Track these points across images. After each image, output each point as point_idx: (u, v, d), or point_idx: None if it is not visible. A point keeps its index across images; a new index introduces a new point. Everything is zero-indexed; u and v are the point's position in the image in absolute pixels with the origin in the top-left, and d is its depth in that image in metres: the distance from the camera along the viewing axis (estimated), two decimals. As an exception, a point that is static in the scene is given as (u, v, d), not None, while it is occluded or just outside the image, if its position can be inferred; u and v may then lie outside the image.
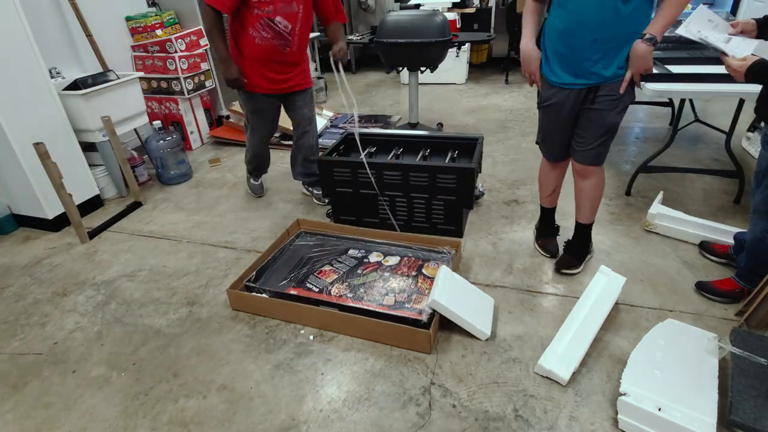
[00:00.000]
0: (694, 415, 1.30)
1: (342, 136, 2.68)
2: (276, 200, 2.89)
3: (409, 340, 1.70)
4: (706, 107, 3.89)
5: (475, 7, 5.42)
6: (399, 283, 1.95)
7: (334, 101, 4.91)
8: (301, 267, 2.08)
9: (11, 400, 1.62)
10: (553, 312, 1.86)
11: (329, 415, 1.49)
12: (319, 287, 1.94)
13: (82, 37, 3.00)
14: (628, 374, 1.45)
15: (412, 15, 3.15)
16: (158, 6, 3.71)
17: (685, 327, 1.66)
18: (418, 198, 2.30)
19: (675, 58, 2.66)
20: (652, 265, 2.10)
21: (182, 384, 1.64)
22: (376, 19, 5.56)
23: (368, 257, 2.13)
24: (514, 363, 1.64)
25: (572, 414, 1.45)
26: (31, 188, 2.51)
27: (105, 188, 2.99)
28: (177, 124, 3.65)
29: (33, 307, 2.08)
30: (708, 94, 2.29)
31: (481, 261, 2.19)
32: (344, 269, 2.05)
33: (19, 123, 2.39)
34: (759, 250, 1.75)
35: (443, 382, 1.58)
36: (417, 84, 3.53)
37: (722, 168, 2.75)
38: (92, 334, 1.90)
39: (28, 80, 2.42)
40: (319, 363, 1.69)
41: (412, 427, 1.44)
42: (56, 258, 2.43)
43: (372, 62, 6.33)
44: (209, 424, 1.49)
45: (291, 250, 2.22)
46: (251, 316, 1.94)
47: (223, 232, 2.59)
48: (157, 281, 2.20)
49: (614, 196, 2.68)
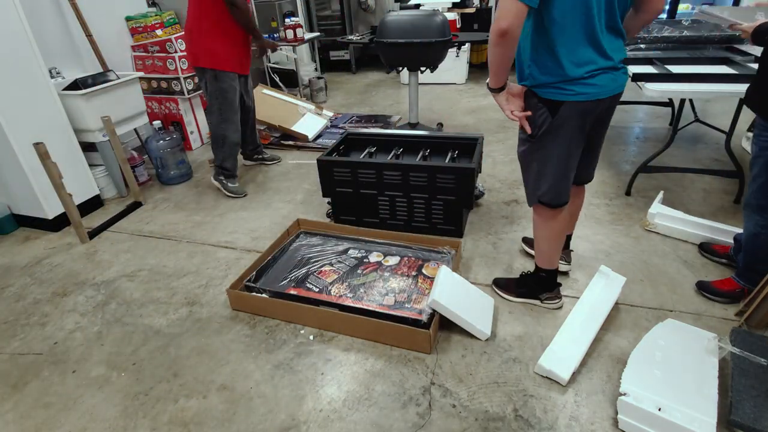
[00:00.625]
0: (694, 415, 1.30)
1: (342, 136, 2.68)
2: (276, 200, 2.89)
3: (409, 340, 1.70)
4: (706, 107, 3.89)
5: (475, 7, 5.43)
6: (399, 283, 1.95)
7: (333, 101, 4.91)
8: (301, 267, 2.08)
9: (11, 400, 1.62)
10: (553, 312, 1.86)
11: (329, 415, 1.49)
12: (319, 287, 1.94)
13: (82, 37, 3.00)
14: (628, 374, 1.45)
15: (412, 15, 3.15)
16: (158, 6, 3.71)
17: (685, 327, 1.66)
18: (418, 198, 2.30)
19: (675, 58, 2.66)
20: (652, 265, 2.10)
21: (182, 384, 1.64)
22: (376, 19, 5.55)
23: (368, 257, 2.13)
24: (514, 363, 1.64)
25: (572, 414, 1.45)
26: (31, 188, 2.51)
27: (105, 188, 2.99)
28: (177, 124, 3.65)
29: (33, 307, 2.08)
30: (708, 94, 2.29)
31: (481, 261, 2.19)
32: (344, 269, 2.05)
33: (19, 123, 2.39)
34: (754, 246, 1.75)
35: (443, 382, 1.58)
36: (417, 84, 3.53)
37: (722, 168, 2.74)
38: (92, 334, 1.90)
39: (28, 80, 2.43)
40: (319, 363, 1.69)
41: (412, 427, 1.44)
42: (56, 258, 2.43)
43: (372, 62, 6.33)
44: (209, 424, 1.49)
45: (291, 250, 2.22)
46: (251, 316, 1.94)
47: (223, 232, 2.59)
48: (157, 281, 2.20)
49: (614, 196, 2.68)
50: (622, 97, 1.64)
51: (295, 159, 3.48)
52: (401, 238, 2.25)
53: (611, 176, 2.90)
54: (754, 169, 1.70)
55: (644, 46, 2.94)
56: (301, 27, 4.63)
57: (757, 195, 1.69)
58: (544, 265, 1.80)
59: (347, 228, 2.35)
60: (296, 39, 4.55)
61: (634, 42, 2.94)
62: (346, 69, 6.17)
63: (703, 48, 2.83)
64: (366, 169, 2.30)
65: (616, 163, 3.09)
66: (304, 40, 4.64)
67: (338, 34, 5.79)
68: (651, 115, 3.96)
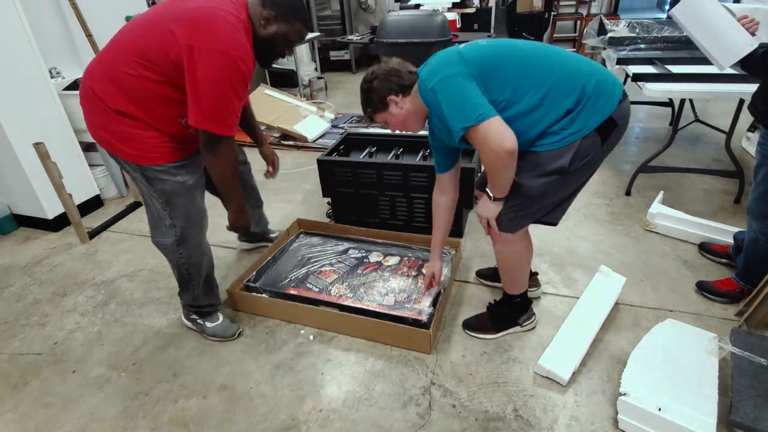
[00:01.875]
0: (694, 415, 1.30)
1: (342, 137, 2.68)
2: (276, 200, 2.89)
3: (409, 340, 1.70)
4: (706, 107, 3.89)
5: (475, 7, 5.43)
6: (399, 283, 1.94)
7: (333, 101, 4.91)
8: (301, 267, 2.08)
9: (11, 400, 1.62)
10: (553, 312, 1.86)
11: (329, 415, 1.49)
12: (319, 287, 1.94)
13: (82, 37, 2.99)
14: (628, 374, 1.45)
15: (412, 15, 3.16)
16: (158, 6, 3.70)
17: (685, 327, 1.66)
18: (418, 198, 2.30)
19: (675, 58, 2.66)
20: (652, 265, 2.10)
21: (182, 384, 1.64)
22: (376, 19, 5.56)
23: (368, 257, 2.13)
24: (514, 363, 1.64)
25: (572, 414, 1.45)
26: (31, 188, 2.51)
27: (105, 188, 2.99)
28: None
29: (33, 307, 2.08)
30: (708, 94, 2.29)
31: (481, 261, 2.19)
32: (344, 269, 2.05)
33: (19, 123, 2.39)
34: (754, 250, 1.76)
35: (443, 382, 1.58)
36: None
37: (722, 168, 2.75)
38: (92, 334, 1.90)
39: (28, 80, 2.42)
40: (319, 363, 1.69)
41: (412, 427, 1.44)
42: (56, 258, 2.43)
43: (372, 62, 6.31)
44: (209, 424, 1.49)
45: (291, 250, 2.22)
46: (251, 316, 1.94)
47: (223, 232, 2.57)
48: (157, 281, 2.20)
49: (614, 196, 2.68)
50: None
51: (295, 160, 3.48)
52: (401, 238, 2.25)
53: (611, 176, 2.90)
54: (757, 176, 1.70)
55: (644, 46, 2.93)
56: (301, 27, 4.62)
57: (759, 202, 1.70)
58: (517, 291, 1.68)
59: (347, 228, 2.35)
60: (296, 39, 4.54)
61: (634, 42, 2.93)
62: (346, 69, 6.17)
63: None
64: (366, 169, 2.30)
65: (616, 163, 3.09)
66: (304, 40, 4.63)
67: (338, 34, 5.79)
68: (651, 115, 3.96)
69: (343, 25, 5.96)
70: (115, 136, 1.43)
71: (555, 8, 5.60)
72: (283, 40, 1.45)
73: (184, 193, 1.52)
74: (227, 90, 1.30)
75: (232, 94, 1.32)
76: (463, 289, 2.03)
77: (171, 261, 1.67)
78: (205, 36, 1.25)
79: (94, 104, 1.41)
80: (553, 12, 5.50)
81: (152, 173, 1.46)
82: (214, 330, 1.80)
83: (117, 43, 1.40)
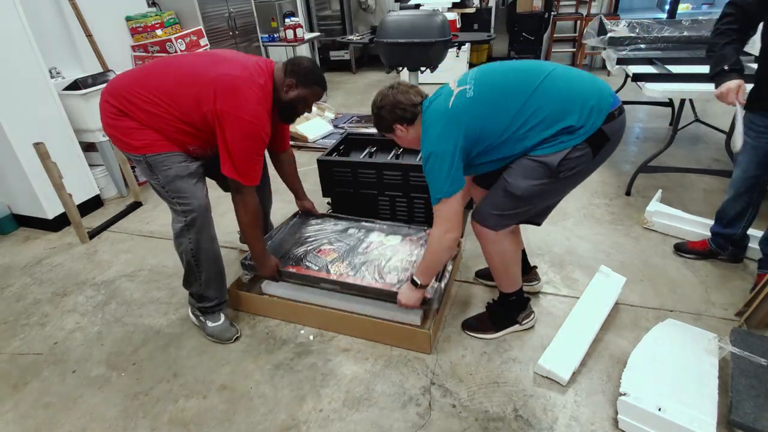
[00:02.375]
0: (694, 415, 1.30)
1: (342, 137, 2.68)
2: (276, 200, 2.88)
3: (409, 340, 1.70)
4: (706, 107, 3.88)
5: (475, 7, 5.43)
6: (402, 261, 1.87)
7: (333, 101, 4.91)
8: (299, 246, 2.03)
9: (11, 400, 1.62)
10: (553, 312, 1.86)
11: (329, 415, 1.49)
12: (319, 266, 1.89)
13: (82, 37, 3.00)
14: (628, 374, 1.45)
15: (412, 15, 3.15)
16: (158, 6, 3.71)
17: (685, 327, 1.66)
18: (418, 198, 2.30)
19: (675, 58, 2.66)
20: (652, 265, 2.10)
21: (182, 384, 1.64)
22: (376, 19, 5.56)
23: (369, 236, 2.06)
24: (514, 363, 1.64)
25: (572, 414, 1.45)
26: (31, 188, 2.51)
27: (105, 188, 2.99)
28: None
29: (33, 307, 2.08)
30: (708, 94, 2.27)
31: (480, 261, 2.18)
32: (344, 248, 1.98)
33: (19, 123, 2.39)
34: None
35: (443, 382, 1.58)
36: (417, 84, 3.53)
37: (722, 168, 2.75)
38: (92, 334, 1.90)
39: (28, 80, 2.43)
40: (319, 363, 1.69)
41: (412, 427, 1.44)
42: (56, 258, 2.43)
43: (372, 62, 6.33)
44: (209, 424, 1.49)
45: (289, 228, 2.16)
46: (251, 316, 1.94)
47: (223, 232, 2.57)
48: (157, 281, 2.20)
49: (614, 196, 2.68)
50: (623, 97, 1.64)
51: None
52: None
53: (611, 176, 2.90)
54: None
55: (644, 46, 2.94)
56: (301, 27, 4.64)
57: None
58: (511, 289, 1.69)
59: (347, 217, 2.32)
60: (296, 39, 4.56)
61: (634, 42, 2.94)
62: (346, 69, 6.17)
63: (703, 48, 2.82)
64: (366, 169, 2.30)
65: (616, 163, 3.09)
66: (304, 40, 4.64)
67: (338, 34, 5.80)
68: (651, 115, 3.96)
69: (343, 25, 5.96)
70: (119, 131, 1.61)
71: (555, 8, 5.60)
72: (302, 102, 1.68)
73: (188, 176, 1.65)
74: (250, 150, 1.57)
75: (254, 154, 1.59)
76: (463, 289, 2.03)
77: (180, 249, 1.73)
78: (234, 103, 1.50)
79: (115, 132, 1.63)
80: (553, 12, 5.49)
81: (154, 160, 1.62)
82: (213, 330, 1.83)
83: (147, 76, 1.60)
